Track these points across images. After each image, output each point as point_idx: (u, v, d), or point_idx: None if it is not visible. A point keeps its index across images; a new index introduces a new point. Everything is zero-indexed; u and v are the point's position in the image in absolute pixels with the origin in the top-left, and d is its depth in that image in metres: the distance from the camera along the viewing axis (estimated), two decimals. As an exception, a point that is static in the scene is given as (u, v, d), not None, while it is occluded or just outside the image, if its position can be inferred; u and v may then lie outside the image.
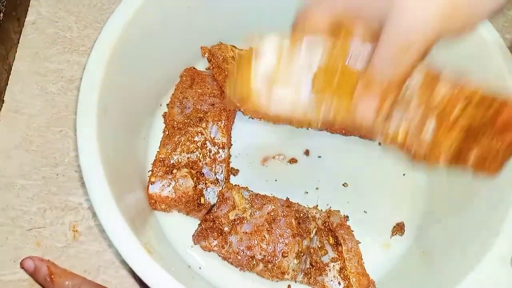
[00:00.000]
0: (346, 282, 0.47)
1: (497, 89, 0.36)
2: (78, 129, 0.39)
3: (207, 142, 0.51)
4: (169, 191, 0.47)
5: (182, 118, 0.51)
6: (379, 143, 0.43)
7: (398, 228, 0.51)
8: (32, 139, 0.54)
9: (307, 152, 0.55)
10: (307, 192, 0.53)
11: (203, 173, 0.49)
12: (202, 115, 0.51)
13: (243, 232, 0.47)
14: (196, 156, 0.50)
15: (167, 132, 0.51)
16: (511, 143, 0.35)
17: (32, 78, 0.57)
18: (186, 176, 0.48)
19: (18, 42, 0.58)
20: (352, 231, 0.50)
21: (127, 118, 0.47)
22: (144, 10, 0.45)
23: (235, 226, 0.47)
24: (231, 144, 0.54)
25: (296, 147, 0.55)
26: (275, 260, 0.46)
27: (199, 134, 0.50)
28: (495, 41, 0.46)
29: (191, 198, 0.48)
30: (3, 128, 0.54)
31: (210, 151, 0.50)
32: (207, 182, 0.49)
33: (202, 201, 0.48)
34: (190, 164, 0.49)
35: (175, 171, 0.48)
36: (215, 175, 0.50)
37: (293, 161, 0.54)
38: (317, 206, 0.52)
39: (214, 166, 0.50)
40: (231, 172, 0.53)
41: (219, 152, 0.51)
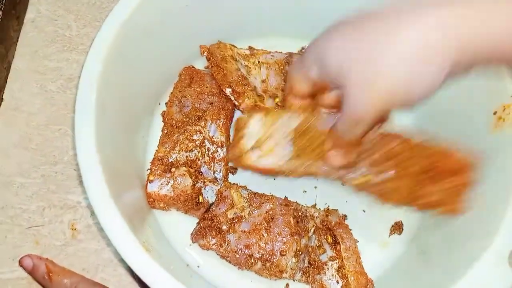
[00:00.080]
0: (344, 280, 0.47)
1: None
2: (76, 128, 0.39)
3: (205, 140, 0.51)
4: (167, 190, 0.47)
5: (180, 116, 0.51)
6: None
7: (396, 227, 0.51)
8: (31, 137, 0.54)
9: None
10: (306, 191, 0.53)
11: (201, 171, 0.49)
12: (201, 114, 0.51)
13: (242, 230, 0.47)
14: (195, 154, 0.50)
15: (165, 131, 0.51)
16: (460, 185, 0.42)
17: (31, 76, 0.57)
18: (185, 174, 0.48)
19: (18, 40, 0.58)
20: (350, 230, 0.50)
21: (125, 117, 0.47)
22: (142, 8, 0.45)
23: (234, 225, 0.47)
24: (230, 143, 0.54)
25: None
26: (273, 258, 0.46)
27: (198, 132, 0.50)
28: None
29: (189, 196, 0.48)
30: (2, 126, 0.54)
31: (208, 150, 0.50)
32: (205, 180, 0.49)
33: (201, 199, 0.48)
34: (189, 162, 0.49)
35: (173, 169, 0.48)
36: (214, 173, 0.50)
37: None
38: (315, 205, 0.52)
39: (212, 164, 0.50)
40: (230, 171, 0.53)
41: (218, 151, 0.51)
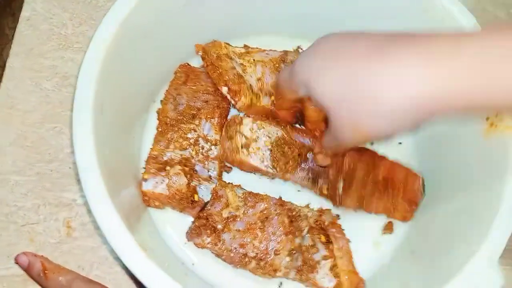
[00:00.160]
0: (337, 279, 0.47)
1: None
2: (74, 126, 0.39)
3: (200, 139, 0.51)
4: (162, 188, 0.47)
5: (175, 114, 0.51)
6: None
7: (388, 227, 0.52)
8: (27, 135, 0.54)
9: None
10: (300, 191, 0.53)
11: (196, 170, 0.49)
12: (196, 112, 0.51)
13: (236, 229, 0.47)
14: (189, 153, 0.50)
15: (160, 129, 0.50)
16: (404, 195, 0.51)
17: (26, 74, 0.57)
18: (180, 173, 0.48)
19: (13, 38, 0.58)
20: (343, 230, 0.50)
21: (122, 115, 0.47)
22: (139, 7, 0.45)
23: (228, 224, 0.47)
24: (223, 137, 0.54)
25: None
26: (268, 257, 0.46)
27: (192, 131, 0.50)
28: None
29: (184, 195, 0.48)
30: (-3, 124, 0.54)
31: (203, 148, 0.50)
32: (200, 179, 0.49)
33: (196, 198, 0.48)
34: (183, 161, 0.49)
35: (168, 168, 0.48)
36: (208, 172, 0.50)
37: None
38: (309, 205, 0.52)
39: (207, 163, 0.50)
40: (224, 169, 0.53)
41: (212, 149, 0.51)
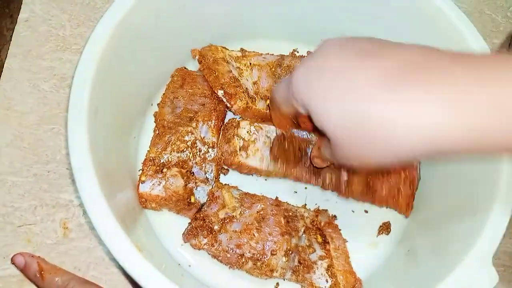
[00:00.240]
0: (333, 279, 0.48)
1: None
2: (69, 128, 0.39)
3: (197, 141, 0.51)
4: (159, 190, 0.48)
5: (172, 117, 0.51)
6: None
7: (385, 228, 0.52)
8: (24, 136, 0.54)
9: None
10: (296, 192, 0.53)
11: (193, 172, 0.50)
12: (193, 115, 0.51)
13: (233, 230, 0.47)
14: (186, 155, 0.50)
15: (157, 132, 0.51)
16: (404, 180, 0.50)
17: (24, 76, 0.57)
18: (177, 175, 0.48)
19: (11, 40, 0.58)
20: (339, 230, 0.50)
21: (118, 117, 0.47)
22: (136, 10, 0.45)
23: (225, 225, 0.47)
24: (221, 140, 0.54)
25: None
26: (264, 258, 0.46)
27: (189, 133, 0.51)
28: (482, 48, 0.47)
29: (181, 197, 0.48)
30: (-6, 125, 0.54)
31: (200, 151, 0.51)
32: (197, 181, 0.50)
33: (192, 200, 0.49)
34: (180, 163, 0.49)
35: (165, 170, 0.48)
36: (205, 174, 0.50)
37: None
38: (305, 205, 0.52)
39: (204, 165, 0.51)
40: (221, 171, 0.53)
41: (209, 152, 0.51)
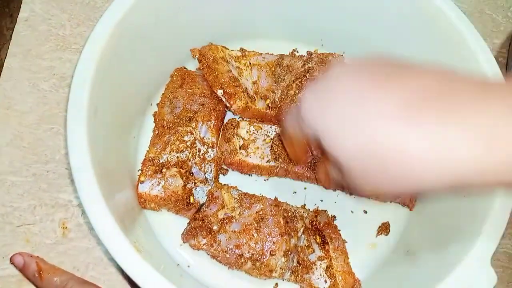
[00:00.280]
0: (332, 280, 0.48)
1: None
2: (68, 127, 0.39)
3: (196, 141, 0.51)
4: (158, 190, 0.48)
5: (172, 117, 0.51)
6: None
7: (384, 228, 0.52)
8: (23, 136, 0.54)
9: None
10: (296, 192, 0.53)
11: (192, 172, 0.50)
12: (192, 115, 0.51)
13: (232, 231, 0.47)
14: (186, 155, 0.50)
15: (156, 132, 0.51)
16: None
17: (24, 75, 0.57)
18: (176, 175, 0.48)
19: (11, 39, 0.58)
20: (339, 230, 0.50)
21: (117, 117, 0.47)
22: (135, 10, 0.45)
23: (224, 225, 0.47)
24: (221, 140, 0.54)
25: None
26: (263, 258, 0.46)
27: (189, 133, 0.51)
28: (482, 48, 0.47)
29: (180, 197, 0.48)
30: (-6, 125, 0.54)
31: (199, 151, 0.51)
32: (196, 181, 0.50)
33: (192, 200, 0.49)
34: (180, 163, 0.49)
35: (164, 170, 0.48)
36: (204, 174, 0.50)
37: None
38: (305, 205, 0.52)
39: (203, 165, 0.51)
40: (221, 172, 0.53)
41: (208, 152, 0.51)
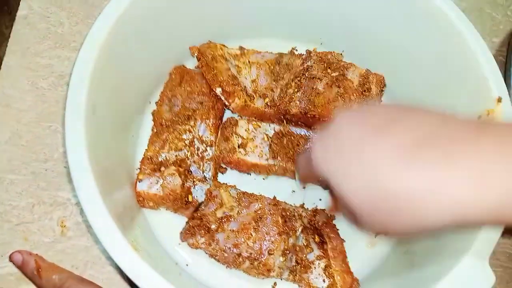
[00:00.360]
0: (331, 279, 0.47)
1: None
2: (66, 126, 0.39)
3: (195, 140, 0.51)
4: (157, 189, 0.47)
5: (170, 116, 0.51)
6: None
7: (382, 228, 0.52)
8: (22, 134, 0.54)
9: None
10: (294, 191, 0.53)
11: (191, 171, 0.49)
12: (191, 113, 0.51)
13: (230, 230, 0.47)
14: (184, 154, 0.50)
15: (155, 130, 0.51)
16: None
17: (22, 73, 0.56)
18: (174, 174, 0.48)
19: (9, 37, 0.58)
20: (337, 230, 0.50)
21: (116, 116, 0.47)
22: (134, 7, 0.45)
23: (222, 224, 0.47)
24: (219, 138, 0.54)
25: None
26: (261, 257, 0.46)
27: (187, 132, 0.50)
28: (481, 47, 0.47)
29: (178, 195, 0.48)
30: (-8, 123, 0.54)
31: (198, 149, 0.51)
32: (195, 180, 0.50)
33: (190, 198, 0.49)
34: (178, 162, 0.49)
35: (163, 168, 0.48)
36: (203, 173, 0.50)
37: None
38: (303, 205, 0.52)
39: (202, 164, 0.50)
40: (219, 170, 0.53)
41: (207, 150, 0.51)
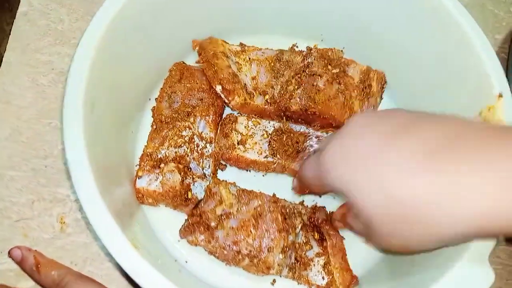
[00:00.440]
0: (330, 277, 0.47)
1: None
2: (64, 122, 0.39)
3: (194, 136, 0.51)
4: (156, 186, 0.47)
5: (170, 112, 0.51)
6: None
7: (382, 226, 0.52)
8: (22, 130, 0.54)
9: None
10: (294, 189, 0.53)
11: (190, 167, 0.49)
12: (190, 110, 0.51)
13: (230, 227, 0.47)
14: (184, 150, 0.50)
15: (155, 127, 0.50)
16: None
17: (23, 70, 0.57)
18: (174, 170, 0.48)
19: (10, 33, 0.58)
20: (337, 227, 0.50)
21: (115, 112, 0.47)
22: (133, 2, 0.45)
23: (222, 221, 0.47)
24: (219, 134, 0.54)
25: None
26: (261, 255, 0.46)
27: (187, 128, 0.50)
28: (483, 43, 0.46)
29: (178, 192, 0.48)
30: (-7, 119, 0.54)
31: (197, 146, 0.50)
32: (194, 176, 0.49)
33: (189, 195, 0.48)
34: (178, 158, 0.49)
35: (162, 165, 0.48)
36: (203, 170, 0.50)
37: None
38: (303, 202, 0.52)
39: (201, 160, 0.50)
40: (219, 167, 0.53)
41: (207, 147, 0.51)
